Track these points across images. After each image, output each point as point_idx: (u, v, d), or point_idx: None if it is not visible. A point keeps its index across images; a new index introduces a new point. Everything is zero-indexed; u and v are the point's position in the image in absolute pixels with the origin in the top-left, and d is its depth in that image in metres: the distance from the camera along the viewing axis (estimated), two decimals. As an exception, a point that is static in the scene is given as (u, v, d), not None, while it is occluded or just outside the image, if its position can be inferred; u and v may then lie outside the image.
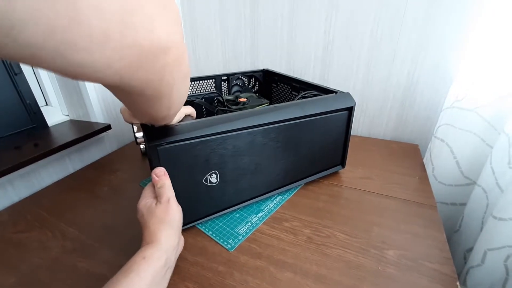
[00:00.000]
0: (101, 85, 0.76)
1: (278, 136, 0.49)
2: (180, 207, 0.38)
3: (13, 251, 0.45)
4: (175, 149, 0.40)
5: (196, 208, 0.47)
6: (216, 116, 0.45)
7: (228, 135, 0.43)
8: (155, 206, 0.36)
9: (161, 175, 0.39)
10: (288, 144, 0.51)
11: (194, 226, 0.48)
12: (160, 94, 0.25)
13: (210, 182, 0.45)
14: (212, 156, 0.43)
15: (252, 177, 0.49)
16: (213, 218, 0.50)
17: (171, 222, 0.36)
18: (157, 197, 0.38)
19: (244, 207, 0.52)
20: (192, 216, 0.47)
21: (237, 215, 0.51)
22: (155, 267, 0.31)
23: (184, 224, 0.46)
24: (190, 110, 0.47)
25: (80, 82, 0.68)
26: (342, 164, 0.62)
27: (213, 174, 0.45)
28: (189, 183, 0.43)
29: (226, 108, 0.63)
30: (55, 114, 0.77)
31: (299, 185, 0.58)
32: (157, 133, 0.39)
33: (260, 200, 0.54)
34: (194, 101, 0.67)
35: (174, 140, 0.39)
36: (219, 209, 0.49)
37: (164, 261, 0.32)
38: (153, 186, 0.39)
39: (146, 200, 0.38)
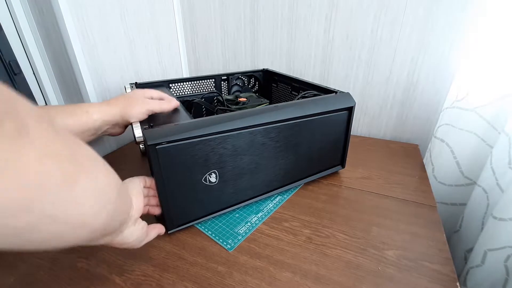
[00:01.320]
0: (101, 86, 0.75)
1: (278, 136, 0.49)
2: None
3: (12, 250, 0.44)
4: (175, 149, 0.40)
5: (195, 207, 0.46)
6: (215, 116, 0.45)
7: (227, 135, 0.43)
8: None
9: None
10: (287, 144, 0.51)
11: (193, 226, 0.48)
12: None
13: (210, 181, 0.45)
14: (212, 156, 0.43)
15: (251, 177, 0.49)
16: (213, 218, 0.49)
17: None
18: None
19: (244, 207, 0.52)
20: (191, 216, 0.47)
21: (237, 215, 0.51)
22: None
23: (183, 224, 0.47)
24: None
25: (80, 83, 0.68)
26: (342, 164, 0.62)
27: (212, 173, 0.45)
28: (188, 182, 0.43)
29: (226, 108, 0.63)
30: (55, 114, 0.76)
31: (299, 185, 0.58)
32: (157, 132, 0.39)
33: (259, 200, 0.53)
34: (194, 101, 0.67)
35: (173, 139, 0.39)
36: (219, 208, 0.49)
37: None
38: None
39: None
